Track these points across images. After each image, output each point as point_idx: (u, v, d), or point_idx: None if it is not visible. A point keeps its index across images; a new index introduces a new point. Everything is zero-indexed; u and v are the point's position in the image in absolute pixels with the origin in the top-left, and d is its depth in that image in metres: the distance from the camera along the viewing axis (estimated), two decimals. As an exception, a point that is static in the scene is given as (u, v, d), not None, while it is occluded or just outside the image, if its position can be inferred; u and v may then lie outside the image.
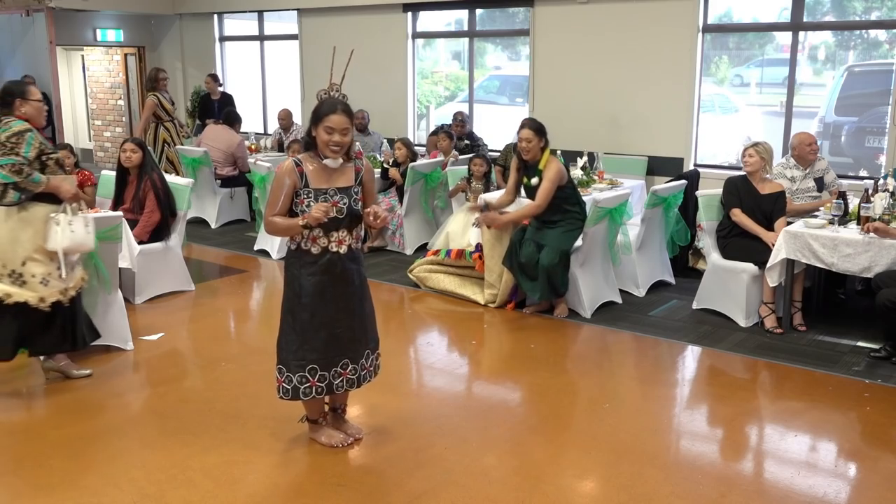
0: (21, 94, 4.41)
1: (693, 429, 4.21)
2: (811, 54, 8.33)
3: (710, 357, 5.21)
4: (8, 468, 3.66)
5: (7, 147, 4.22)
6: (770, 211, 5.69)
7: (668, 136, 8.33)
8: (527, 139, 5.63)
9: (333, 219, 3.53)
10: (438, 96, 10.89)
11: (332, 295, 3.60)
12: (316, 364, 3.64)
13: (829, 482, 3.62)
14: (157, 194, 6.08)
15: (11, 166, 4.19)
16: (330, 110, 3.50)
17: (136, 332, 5.33)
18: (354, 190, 3.61)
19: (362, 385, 3.82)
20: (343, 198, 3.56)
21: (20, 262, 4.34)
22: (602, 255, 6.02)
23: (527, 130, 5.64)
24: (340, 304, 3.63)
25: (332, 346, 3.65)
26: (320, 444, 3.86)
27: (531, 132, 5.63)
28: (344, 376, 3.73)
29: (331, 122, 3.48)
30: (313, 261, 3.57)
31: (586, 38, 8.71)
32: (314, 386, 3.67)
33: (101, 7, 11.89)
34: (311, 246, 3.57)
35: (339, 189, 3.57)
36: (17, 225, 4.32)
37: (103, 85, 13.95)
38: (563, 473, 3.68)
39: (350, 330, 3.69)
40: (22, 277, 4.34)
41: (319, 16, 10.92)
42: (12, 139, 4.23)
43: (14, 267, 4.33)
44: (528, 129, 5.64)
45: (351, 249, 3.63)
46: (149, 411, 4.40)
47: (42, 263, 4.37)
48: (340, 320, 3.65)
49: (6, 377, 4.74)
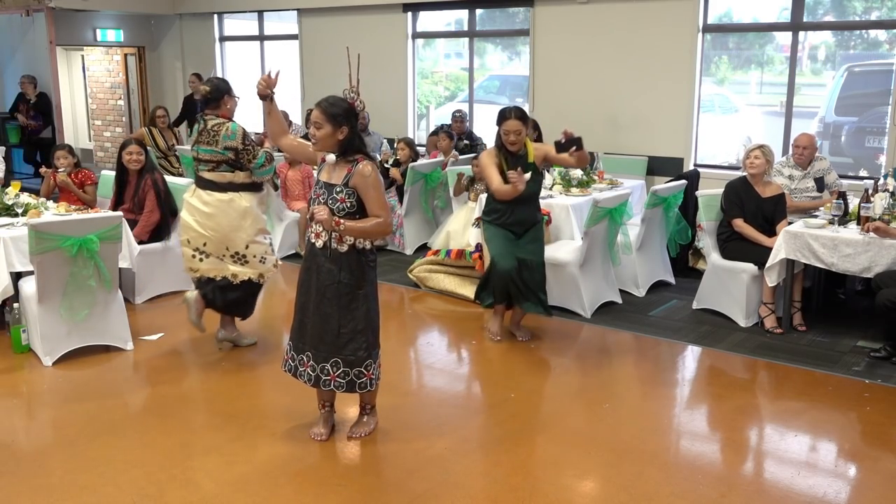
0: (228, 91, 4.91)
1: (693, 429, 4.21)
2: (811, 54, 8.33)
3: (710, 357, 5.21)
4: (8, 468, 3.66)
5: (247, 149, 4.79)
6: (772, 213, 5.69)
7: (669, 136, 8.33)
8: (515, 131, 4.93)
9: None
10: (438, 96, 10.89)
11: (308, 283, 3.75)
12: (291, 342, 3.88)
13: (830, 482, 3.62)
14: (157, 194, 6.08)
15: (268, 159, 4.87)
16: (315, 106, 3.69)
17: (135, 331, 5.33)
18: (338, 188, 3.59)
19: (323, 388, 3.80)
20: (325, 193, 3.62)
21: (244, 246, 4.90)
22: (602, 256, 6.02)
23: (514, 121, 4.93)
24: (311, 294, 3.74)
25: (301, 333, 3.81)
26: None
27: (519, 122, 4.94)
28: (305, 368, 3.81)
29: (313, 115, 3.63)
30: (309, 245, 3.75)
31: (586, 38, 8.71)
32: (287, 361, 3.90)
33: (101, 7, 11.88)
34: (311, 233, 3.74)
35: (327, 185, 3.64)
36: (238, 215, 4.84)
37: (103, 85, 13.94)
38: (563, 473, 3.68)
39: (315, 326, 3.75)
40: (245, 258, 4.92)
41: (319, 16, 10.92)
42: (246, 141, 4.79)
43: (238, 249, 4.89)
44: (515, 118, 4.94)
45: (326, 247, 3.64)
46: (148, 411, 4.40)
47: (260, 245, 4.96)
48: (310, 311, 3.75)
49: (10, 379, 4.74)
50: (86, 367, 4.87)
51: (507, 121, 4.96)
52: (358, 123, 3.69)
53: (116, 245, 5.04)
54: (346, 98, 3.65)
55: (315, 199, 3.66)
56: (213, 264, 4.90)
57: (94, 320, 5.00)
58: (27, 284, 4.96)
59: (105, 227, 4.89)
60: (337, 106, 3.59)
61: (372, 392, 3.91)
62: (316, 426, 3.97)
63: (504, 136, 4.97)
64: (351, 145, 3.63)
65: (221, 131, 4.73)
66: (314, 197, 3.68)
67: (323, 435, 3.92)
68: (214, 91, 4.82)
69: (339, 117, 3.57)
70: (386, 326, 5.61)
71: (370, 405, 4.02)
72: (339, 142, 3.60)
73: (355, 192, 3.58)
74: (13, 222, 5.32)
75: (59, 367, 4.85)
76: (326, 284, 3.67)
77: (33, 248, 4.66)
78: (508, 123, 4.95)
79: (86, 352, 5.00)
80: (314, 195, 3.69)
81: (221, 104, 4.84)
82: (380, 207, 3.61)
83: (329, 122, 3.56)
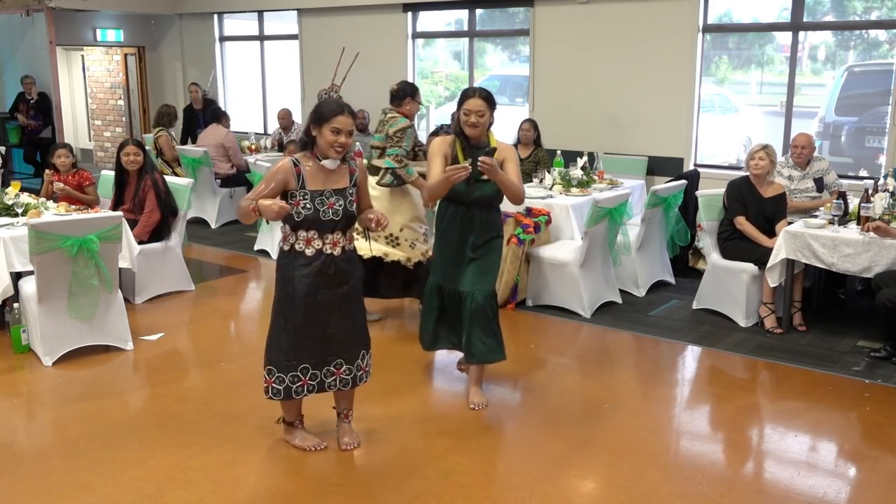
0: (412, 95, 5.43)
1: (693, 429, 4.21)
2: (811, 54, 8.33)
3: (709, 357, 5.21)
4: (7, 468, 3.66)
5: (394, 140, 5.26)
6: (773, 213, 5.69)
7: (668, 136, 8.33)
8: (478, 111, 4.12)
9: (329, 221, 3.50)
10: (438, 96, 10.89)
11: (325, 296, 3.58)
12: (308, 363, 3.63)
13: (829, 482, 3.62)
14: (158, 194, 6.08)
15: (395, 156, 5.22)
16: (337, 111, 3.48)
17: (135, 332, 5.33)
18: (349, 192, 3.58)
19: (358, 385, 3.80)
20: (339, 199, 3.53)
21: (398, 228, 5.32)
22: (602, 256, 6.02)
23: (477, 100, 4.14)
24: (334, 304, 3.61)
25: (325, 346, 3.64)
26: (294, 446, 3.83)
27: (483, 102, 4.14)
28: (337, 375, 3.71)
29: (338, 122, 3.45)
30: (307, 262, 3.54)
31: (586, 38, 8.71)
32: (306, 385, 3.66)
33: (100, 7, 11.88)
34: (304, 248, 3.53)
35: (336, 191, 3.53)
36: (398, 198, 5.34)
37: (103, 85, 13.95)
38: (563, 473, 3.68)
39: (344, 330, 3.66)
40: (397, 241, 5.32)
41: (319, 16, 10.92)
42: (398, 133, 5.25)
43: (392, 231, 5.30)
44: (480, 97, 4.15)
45: (344, 251, 3.61)
46: (148, 411, 4.40)
47: (413, 231, 5.38)
48: (334, 320, 3.62)
49: (10, 379, 4.74)
50: (86, 367, 4.87)
51: (469, 99, 4.16)
52: (358, 124, 3.70)
53: (116, 245, 5.04)
54: (320, 97, 3.67)
55: (326, 210, 3.49)
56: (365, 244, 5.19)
57: (95, 320, 5.00)
58: (27, 284, 4.96)
59: (105, 227, 4.89)
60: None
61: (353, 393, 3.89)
62: (307, 440, 3.84)
63: (464, 117, 4.15)
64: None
65: (389, 122, 5.35)
66: (324, 208, 3.48)
67: (322, 443, 3.85)
68: (400, 91, 5.42)
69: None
70: (386, 327, 5.63)
71: (352, 411, 3.94)
72: None
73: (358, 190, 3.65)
74: (13, 222, 5.32)
75: (59, 367, 4.85)
76: (351, 284, 3.65)
77: (33, 248, 4.66)
78: (470, 102, 4.14)
79: (86, 352, 5.00)
80: (323, 206, 3.48)
81: (404, 103, 5.40)
82: (368, 197, 3.77)
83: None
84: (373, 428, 4.08)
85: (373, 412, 4.26)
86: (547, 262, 5.98)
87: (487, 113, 4.16)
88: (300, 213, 3.47)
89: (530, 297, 6.11)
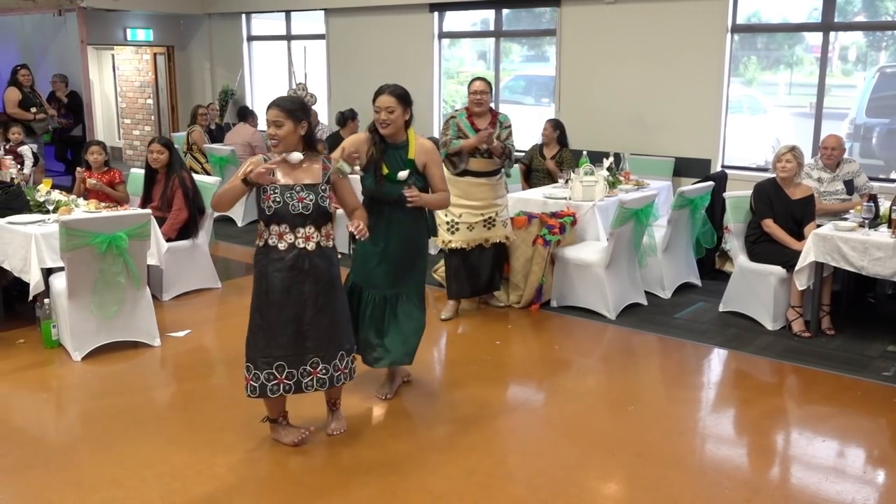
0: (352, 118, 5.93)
1: (718, 432, 4.18)
2: (842, 55, 8.22)
3: (736, 360, 5.16)
4: (37, 461, 3.71)
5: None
6: (801, 215, 5.63)
7: (696, 137, 8.26)
8: (387, 108, 4.07)
9: (299, 215, 3.56)
10: (464, 96, 10.87)
11: (299, 291, 3.61)
12: (283, 361, 3.65)
13: (858, 488, 3.57)
14: (185, 193, 6.14)
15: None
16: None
17: (163, 328, 5.39)
18: (322, 188, 3.62)
19: (336, 385, 3.81)
20: (309, 194, 3.59)
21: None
22: (628, 257, 5.99)
23: (387, 97, 4.09)
24: (308, 300, 3.63)
25: (301, 344, 3.65)
26: (283, 443, 3.85)
27: (394, 98, 4.09)
28: (314, 375, 3.72)
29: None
30: (280, 257, 3.59)
31: (613, 38, 8.66)
32: (282, 383, 3.67)
33: (131, 7, 12.03)
34: (277, 242, 3.59)
35: (306, 186, 3.60)
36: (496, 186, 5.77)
37: (133, 84, 14.11)
38: (586, 475, 3.67)
39: (319, 328, 3.68)
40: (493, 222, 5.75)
41: (346, 16, 10.96)
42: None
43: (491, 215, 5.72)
44: (390, 94, 4.09)
45: (320, 246, 3.63)
46: (175, 407, 4.45)
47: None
48: (308, 317, 3.65)
49: (40, 374, 4.81)
50: (114, 362, 4.93)
51: (379, 96, 4.11)
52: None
53: (145, 243, 5.09)
54: (295, 94, 3.73)
55: (296, 204, 3.54)
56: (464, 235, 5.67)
57: (123, 317, 5.06)
58: (58, 280, 5.03)
59: (134, 224, 4.95)
60: (295, 101, 3.65)
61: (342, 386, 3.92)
62: (289, 436, 3.86)
63: (375, 115, 4.13)
64: (311, 140, 3.67)
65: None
66: (294, 202, 3.54)
67: (304, 434, 3.86)
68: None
69: (298, 113, 3.60)
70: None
71: (339, 400, 4.01)
72: (300, 138, 3.62)
73: (333, 187, 3.69)
74: (45, 219, 5.40)
75: (87, 363, 4.91)
76: (328, 280, 3.67)
77: (64, 245, 4.73)
78: (380, 99, 4.10)
79: (114, 347, 5.06)
80: (292, 199, 3.55)
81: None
82: (354, 196, 3.82)
83: (290, 119, 3.57)
84: (395, 426, 4.09)
85: (395, 411, 4.27)
86: (572, 262, 5.96)
87: (398, 110, 4.09)
88: (270, 207, 3.56)
89: (555, 298, 6.10)
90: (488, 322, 5.83)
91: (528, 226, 5.95)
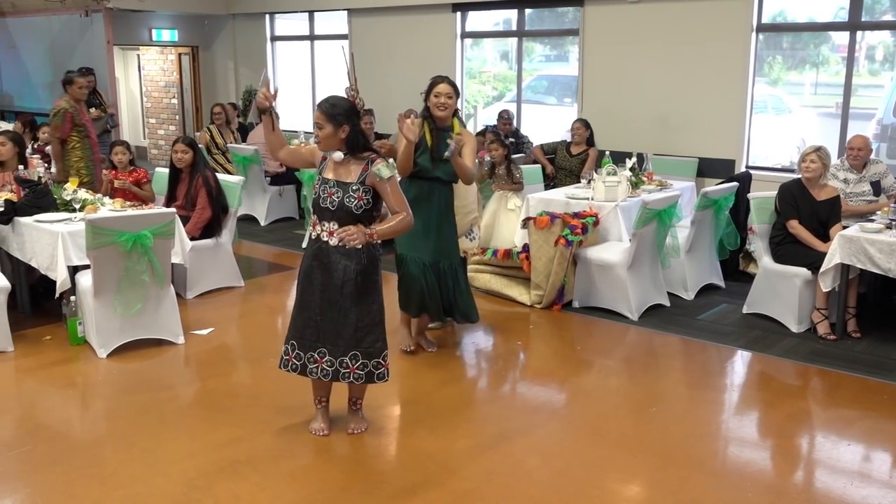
0: None
1: (742, 435, 4.15)
2: (868, 54, 8.13)
3: (760, 363, 5.12)
4: (63, 457, 3.76)
5: None
6: (826, 217, 5.57)
7: (720, 137, 8.20)
8: (447, 94, 4.77)
9: (326, 209, 3.68)
10: (486, 96, 10.88)
11: (317, 281, 3.75)
12: (294, 341, 3.85)
13: (884, 493, 3.53)
14: (209, 192, 6.19)
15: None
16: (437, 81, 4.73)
17: (187, 326, 5.43)
18: (353, 187, 3.65)
19: (341, 381, 3.85)
20: (339, 191, 3.65)
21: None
22: (650, 258, 5.96)
23: (446, 85, 4.80)
24: (324, 293, 3.74)
25: (310, 330, 3.80)
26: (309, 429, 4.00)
27: (451, 88, 4.81)
28: (319, 364, 3.81)
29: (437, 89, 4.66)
30: (310, 245, 3.80)
31: (637, 38, 8.62)
32: (290, 361, 3.86)
33: (156, 7, 12.14)
34: (312, 231, 3.79)
35: (339, 182, 3.68)
36: None
37: (158, 84, 14.25)
38: (608, 477, 3.65)
39: (330, 322, 3.75)
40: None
41: (369, 16, 10.99)
42: None
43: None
44: (448, 83, 4.81)
45: (343, 244, 3.65)
46: (198, 404, 4.48)
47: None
48: (321, 309, 3.75)
49: (66, 370, 4.87)
50: (138, 359, 4.98)
51: (438, 84, 4.79)
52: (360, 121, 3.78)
53: (169, 241, 5.14)
54: (348, 97, 3.79)
55: (326, 198, 3.66)
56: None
57: (147, 315, 5.11)
58: (84, 278, 5.09)
59: (159, 223, 5.00)
60: (338, 106, 3.68)
61: (365, 386, 3.96)
62: (315, 422, 4.01)
63: (434, 99, 4.77)
64: (356, 143, 3.69)
65: None
66: (325, 196, 3.67)
67: (324, 430, 3.97)
68: None
69: (339, 117, 3.65)
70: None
71: (361, 400, 4.05)
72: (342, 140, 3.68)
73: (372, 189, 3.68)
74: (71, 217, 5.47)
75: (112, 360, 4.96)
76: (344, 280, 3.70)
77: (90, 243, 4.79)
78: (440, 86, 4.77)
79: (139, 345, 5.11)
80: (324, 193, 3.67)
81: None
82: (400, 204, 3.72)
83: (330, 122, 3.65)
84: (415, 426, 4.10)
85: (417, 410, 4.28)
86: (594, 263, 5.94)
87: (455, 98, 4.80)
88: (312, 197, 3.79)
89: (577, 299, 6.08)
90: (510, 322, 5.82)
91: (551, 226, 5.93)
